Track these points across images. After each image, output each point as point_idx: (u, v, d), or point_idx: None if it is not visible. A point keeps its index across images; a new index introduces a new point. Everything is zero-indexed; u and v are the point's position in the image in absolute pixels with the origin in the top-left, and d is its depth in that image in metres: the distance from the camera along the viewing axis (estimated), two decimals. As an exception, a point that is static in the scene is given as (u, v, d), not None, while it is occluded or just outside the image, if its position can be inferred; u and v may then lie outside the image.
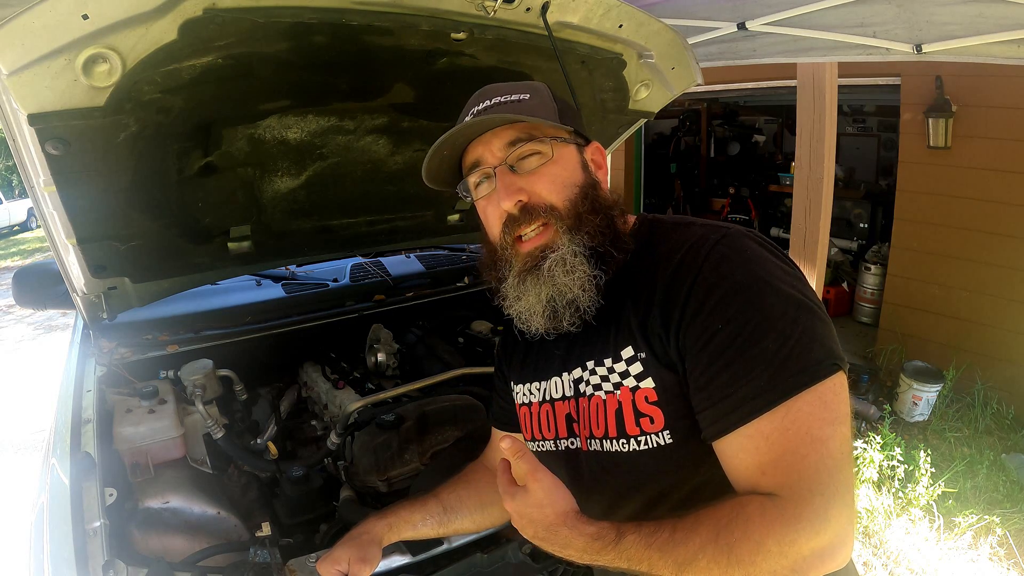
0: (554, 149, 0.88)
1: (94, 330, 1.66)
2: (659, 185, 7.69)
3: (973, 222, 3.91)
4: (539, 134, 0.87)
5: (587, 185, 0.89)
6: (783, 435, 0.71)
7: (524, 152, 0.87)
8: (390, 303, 2.13)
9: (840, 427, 0.71)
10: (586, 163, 0.92)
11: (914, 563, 2.55)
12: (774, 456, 0.71)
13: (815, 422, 0.70)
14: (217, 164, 1.49)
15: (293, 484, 1.43)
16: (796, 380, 0.71)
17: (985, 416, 3.69)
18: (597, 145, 0.96)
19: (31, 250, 12.01)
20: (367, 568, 1.03)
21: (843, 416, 0.72)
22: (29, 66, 0.95)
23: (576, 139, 0.92)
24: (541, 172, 0.87)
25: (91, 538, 1.00)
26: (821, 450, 0.70)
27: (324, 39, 1.17)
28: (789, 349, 0.72)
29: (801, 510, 0.68)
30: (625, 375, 0.83)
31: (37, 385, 4.71)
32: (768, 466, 0.71)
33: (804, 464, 0.69)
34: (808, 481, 0.69)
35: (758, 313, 0.73)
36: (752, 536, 0.68)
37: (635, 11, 1.41)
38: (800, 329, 0.72)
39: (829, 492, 0.68)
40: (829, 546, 0.68)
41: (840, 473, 0.70)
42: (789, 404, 0.71)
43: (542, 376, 0.99)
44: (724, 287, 0.75)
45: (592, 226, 0.86)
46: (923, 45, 1.97)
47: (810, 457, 0.70)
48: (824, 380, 0.71)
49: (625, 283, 0.87)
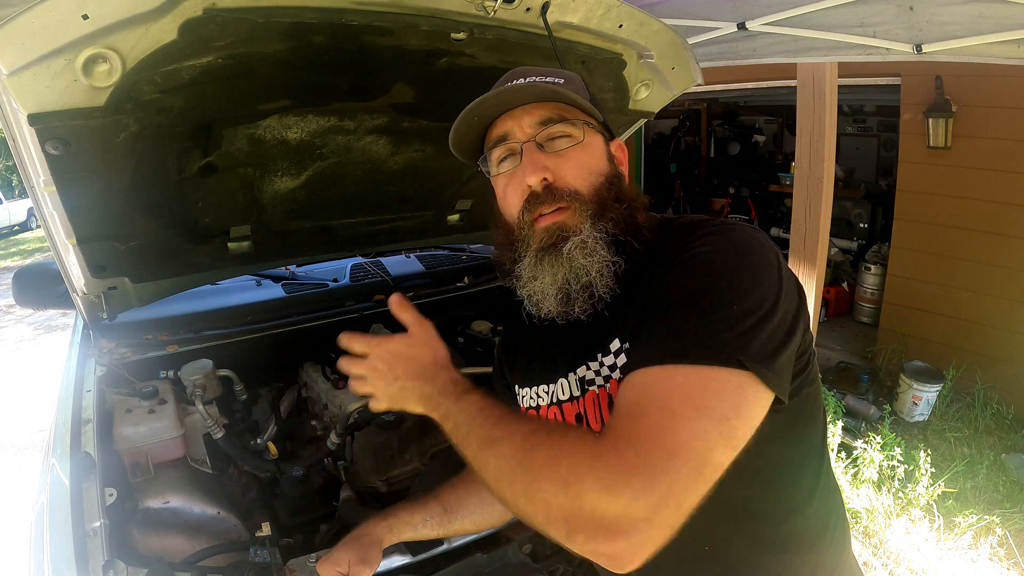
0: (585, 134, 0.87)
1: (94, 330, 1.66)
2: (659, 185, 7.69)
3: (973, 222, 3.91)
4: (571, 117, 0.87)
5: (613, 175, 0.89)
6: (645, 390, 0.67)
7: (555, 132, 0.86)
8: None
9: (704, 421, 0.63)
10: (611, 155, 0.93)
11: (914, 563, 2.56)
12: (629, 403, 0.67)
13: (681, 399, 0.64)
14: (217, 164, 1.49)
15: (293, 484, 1.43)
16: (695, 352, 0.66)
17: (985, 416, 3.70)
18: (620, 142, 0.96)
19: (31, 250, 12.01)
20: (368, 569, 1.02)
21: (717, 415, 0.64)
22: (29, 66, 0.95)
23: (604, 131, 0.94)
24: (569, 155, 0.86)
25: (91, 538, 1.00)
26: (665, 421, 0.63)
27: (324, 39, 1.17)
28: (710, 323, 0.68)
29: (606, 455, 0.61)
30: (614, 368, 0.84)
31: (37, 385, 4.71)
32: (623, 411, 0.67)
33: (641, 421, 0.64)
34: (637, 444, 0.62)
35: (703, 281, 0.73)
36: (554, 451, 0.64)
37: (635, 11, 1.41)
38: (729, 313, 0.69)
39: (646, 463, 0.60)
40: (614, 521, 0.59)
41: (674, 459, 0.60)
42: (673, 369, 0.66)
43: (549, 379, 0.97)
44: (689, 254, 0.77)
45: (616, 213, 0.85)
46: (923, 45, 1.97)
47: (650, 419, 0.63)
48: (723, 368, 0.65)
49: (635, 280, 0.87)
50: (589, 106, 0.88)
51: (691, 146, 8.04)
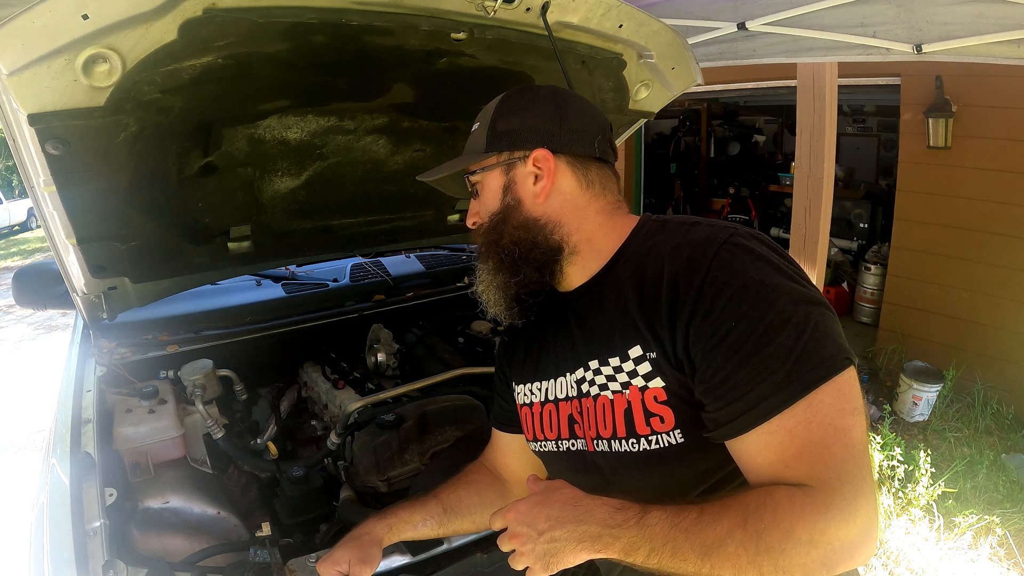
0: (482, 178, 0.97)
1: (94, 330, 1.66)
2: (659, 185, 7.68)
3: (973, 222, 3.91)
4: (471, 168, 0.98)
5: (499, 211, 0.95)
6: (807, 428, 0.71)
7: (473, 183, 1.00)
8: (390, 303, 2.13)
9: (860, 418, 0.72)
10: (509, 184, 0.94)
11: (914, 563, 2.55)
12: (798, 449, 0.71)
13: (836, 413, 0.71)
14: (217, 164, 1.49)
15: (293, 484, 1.43)
16: (814, 374, 0.71)
17: (985, 416, 3.69)
18: (541, 152, 0.92)
19: (31, 250, 12.01)
20: (367, 569, 1.02)
21: (860, 407, 0.73)
22: (29, 66, 0.95)
23: (509, 157, 0.94)
24: (479, 200, 0.99)
25: (91, 538, 1.00)
26: (845, 440, 0.70)
27: (324, 39, 1.17)
28: (804, 344, 0.72)
29: (831, 498, 0.67)
30: (633, 374, 0.83)
31: (37, 385, 4.71)
32: (792, 459, 0.71)
33: (830, 454, 0.69)
34: (835, 470, 0.69)
35: (771, 310, 0.73)
36: (782, 523, 0.66)
37: (635, 11, 1.41)
38: (813, 324, 0.73)
39: (857, 481, 0.68)
40: (858, 538, 0.67)
41: (864, 462, 0.70)
42: (810, 398, 0.71)
43: (543, 376, 0.99)
44: (735, 284, 0.75)
45: (505, 247, 0.93)
46: (923, 45, 1.97)
47: (835, 447, 0.70)
48: (840, 373, 0.72)
49: (627, 282, 0.87)
50: (479, 148, 0.95)
51: (691, 146, 8.03)
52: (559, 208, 0.93)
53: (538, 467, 1.10)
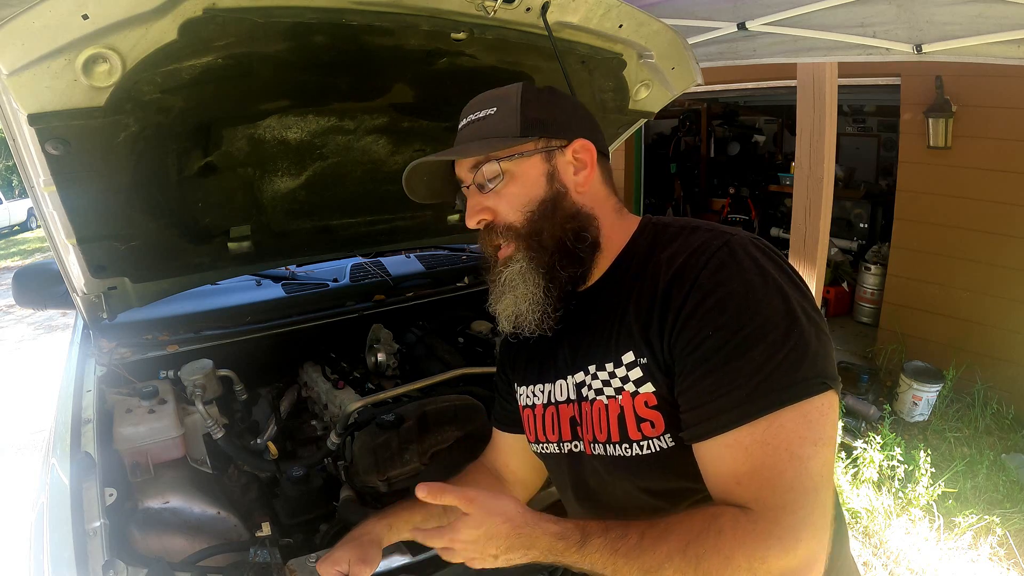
0: (513, 166, 0.88)
1: (94, 330, 1.66)
2: (659, 185, 7.68)
3: (973, 222, 3.91)
4: (496, 155, 0.88)
5: (548, 199, 0.88)
6: (762, 448, 0.70)
7: (486, 174, 0.89)
8: (390, 303, 2.13)
9: (822, 449, 0.70)
10: (553, 172, 0.89)
11: (914, 563, 2.56)
12: (750, 468, 0.70)
13: (796, 440, 0.69)
14: (217, 164, 1.49)
15: (293, 484, 1.43)
16: (781, 395, 0.70)
17: (985, 416, 3.69)
18: (582, 143, 0.90)
19: (31, 250, 12.01)
20: (367, 569, 1.02)
21: (827, 438, 0.70)
22: (29, 66, 0.95)
23: (547, 144, 0.89)
24: (502, 192, 0.89)
25: (91, 538, 1.00)
26: (799, 468, 0.69)
27: (324, 39, 1.17)
28: (777, 363, 0.70)
29: (773, 527, 0.67)
30: (626, 380, 0.83)
31: (37, 385, 4.71)
32: (744, 477, 0.71)
33: (781, 480, 0.69)
34: (783, 498, 0.68)
35: (750, 323, 0.72)
36: (722, 549, 0.67)
37: (635, 11, 1.41)
38: (792, 343, 0.71)
39: (803, 512, 0.67)
40: (798, 568, 0.67)
41: (817, 495, 0.68)
42: (771, 418, 0.70)
43: (546, 378, 0.98)
44: (719, 294, 0.75)
45: (552, 239, 0.87)
46: (923, 45, 1.97)
47: (787, 474, 0.69)
48: (810, 398, 0.70)
49: (627, 287, 0.87)
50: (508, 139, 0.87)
51: (691, 146, 8.04)
52: (591, 201, 0.91)
53: (538, 467, 1.10)
